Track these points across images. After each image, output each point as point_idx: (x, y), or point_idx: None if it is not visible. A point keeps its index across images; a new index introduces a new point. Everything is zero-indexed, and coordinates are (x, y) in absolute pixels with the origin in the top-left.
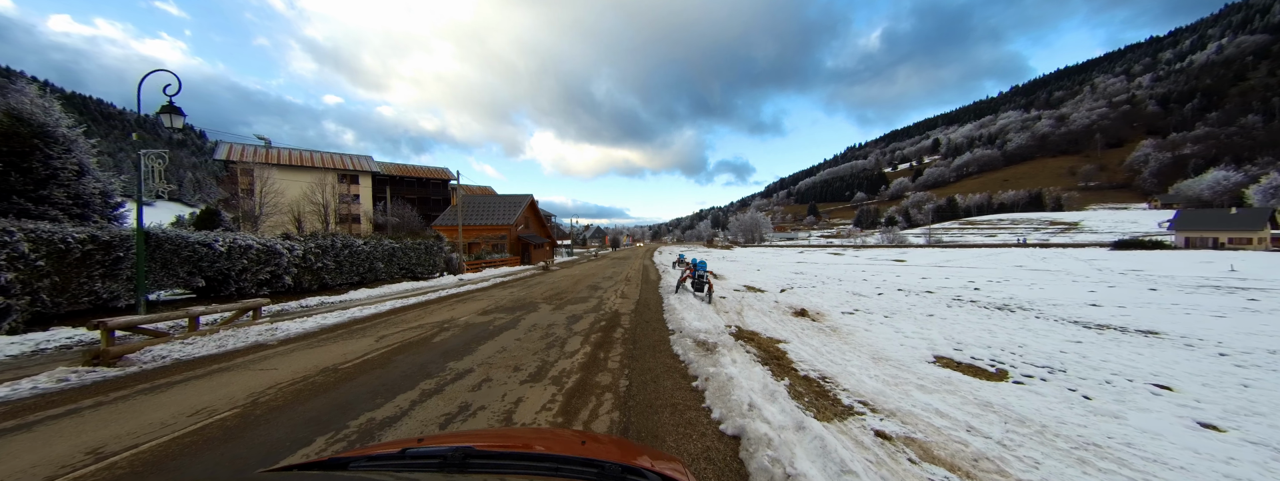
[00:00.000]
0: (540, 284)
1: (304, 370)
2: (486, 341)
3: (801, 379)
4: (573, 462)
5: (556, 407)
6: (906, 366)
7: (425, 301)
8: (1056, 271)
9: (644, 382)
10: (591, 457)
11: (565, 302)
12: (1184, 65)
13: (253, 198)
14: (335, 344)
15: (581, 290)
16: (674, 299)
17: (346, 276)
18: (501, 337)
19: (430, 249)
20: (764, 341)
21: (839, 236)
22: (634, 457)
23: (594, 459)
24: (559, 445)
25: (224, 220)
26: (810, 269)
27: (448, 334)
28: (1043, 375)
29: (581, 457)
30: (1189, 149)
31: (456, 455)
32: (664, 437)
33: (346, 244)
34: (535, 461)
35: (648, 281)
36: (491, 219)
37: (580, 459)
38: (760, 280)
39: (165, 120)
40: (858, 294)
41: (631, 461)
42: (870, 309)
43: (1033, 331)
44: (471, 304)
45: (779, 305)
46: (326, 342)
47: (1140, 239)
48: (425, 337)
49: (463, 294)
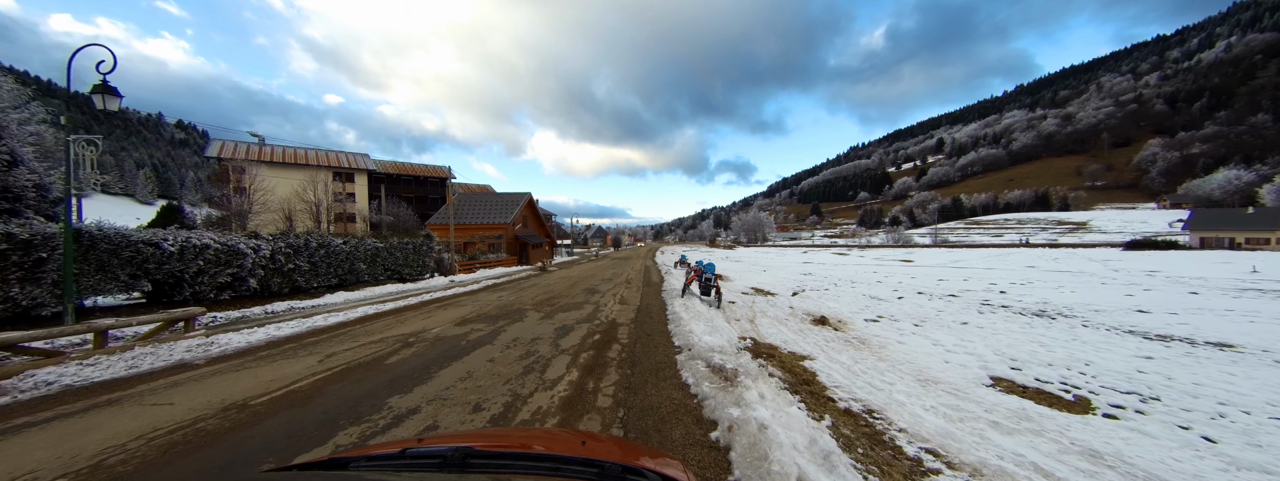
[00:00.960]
0: (534, 286)
1: (203, 407)
2: (451, 363)
3: (844, 414)
4: (573, 462)
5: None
6: (964, 392)
7: (403, 307)
8: (1076, 272)
9: (644, 431)
10: (592, 457)
11: (557, 309)
12: (1192, 64)
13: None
14: (269, 365)
15: (577, 294)
16: (678, 305)
17: (324, 278)
18: (471, 357)
19: (419, 249)
20: (786, 358)
21: (842, 236)
22: (634, 457)
23: (594, 459)
24: (559, 445)
25: (188, 216)
26: (818, 270)
27: (409, 351)
28: (1135, 405)
29: (582, 457)
30: (1197, 148)
31: (457, 455)
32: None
33: (323, 243)
34: (535, 461)
35: (649, 284)
36: (488, 218)
37: (580, 459)
38: (768, 282)
39: (98, 102)
40: (876, 297)
41: (632, 461)
42: (894, 315)
43: (1089, 344)
44: (453, 310)
45: (794, 312)
46: (260, 363)
47: (1153, 239)
48: (380, 357)
49: (448, 298)
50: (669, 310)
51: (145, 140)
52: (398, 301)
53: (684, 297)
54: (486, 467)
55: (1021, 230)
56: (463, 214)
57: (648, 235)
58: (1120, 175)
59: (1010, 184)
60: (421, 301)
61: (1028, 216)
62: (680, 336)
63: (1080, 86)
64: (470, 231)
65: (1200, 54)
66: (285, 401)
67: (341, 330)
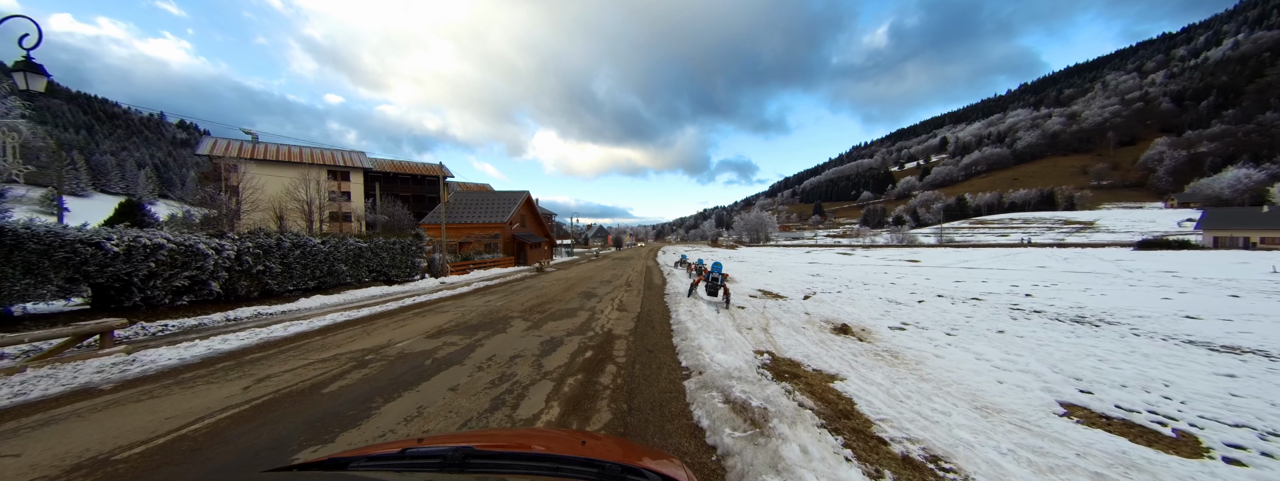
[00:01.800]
0: (527, 289)
1: (51, 463)
2: (403, 393)
3: (904, 464)
4: (573, 462)
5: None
6: (1038, 425)
7: (379, 314)
8: (1091, 273)
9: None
10: (591, 457)
11: (547, 317)
12: (1198, 62)
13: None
14: (183, 393)
15: (572, 298)
16: (683, 311)
17: (299, 281)
18: (430, 385)
19: (407, 249)
20: (813, 379)
21: (846, 236)
22: (634, 457)
23: (594, 459)
24: (559, 445)
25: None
26: (827, 271)
27: (358, 375)
28: (1254, 443)
29: (581, 457)
30: (1205, 147)
31: (457, 455)
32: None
33: (299, 243)
34: (535, 461)
35: (651, 287)
36: (484, 217)
37: (580, 459)
38: (776, 283)
39: (20, 81)
40: (894, 301)
41: (632, 461)
42: (920, 322)
43: (1153, 357)
44: (431, 318)
45: (811, 318)
46: (175, 389)
47: (1163, 239)
48: (320, 383)
49: (431, 303)
50: (673, 318)
51: (147, 140)
52: (376, 306)
53: (690, 299)
54: (486, 467)
55: (1027, 229)
56: (458, 213)
57: (649, 235)
58: (1126, 174)
59: (1015, 183)
60: (402, 307)
61: (1034, 216)
62: (688, 354)
63: (1085, 85)
64: (466, 231)
65: (1207, 52)
66: (163, 453)
67: (296, 343)
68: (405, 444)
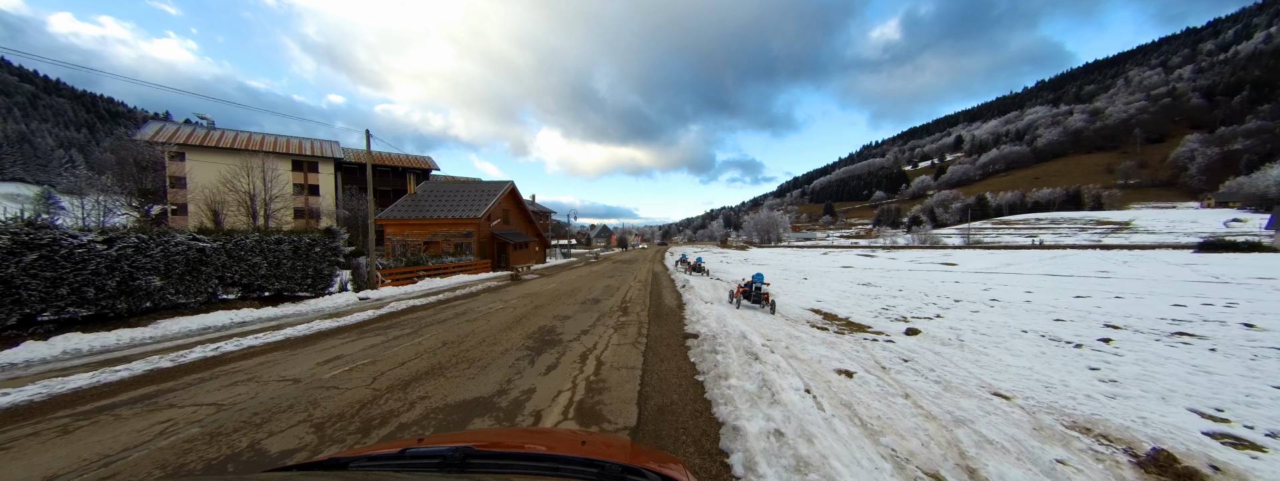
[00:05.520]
0: (475, 315)
1: None
2: None
3: None
4: (573, 462)
5: None
6: None
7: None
8: (1189, 281)
9: None
10: (592, 457)
11: (449, 392)
12: (1228, 56)
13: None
14: None
15: (528, 334)
16: (728, 386)
17: (35, 306)
18: None
19: (311, 250)
20: None
21: (861, 236)
22: (635, 458)
23: (594, 459)
24: (559, 445)
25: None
26: (876, 278)
27: None
28: None
29: (582, 457)
30: (1240, 144)
31: (457, 455)
32: None
33: (24, 239)
34: (535, 461)
35: (661, 307)
36: (456, 211)
37: (581, 459)
38: (826, 298)
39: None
40: (1053, 338)
41: (632, 461)
42: (1173, 391)
43: None
44: (202, 396)
45: (1038, 423)
46: None
47: (1226, 240)
48: None
49: (267, 347)
50: (707, 394)
51: None
52: (159, 358)
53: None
54: (486, 467)
55: (1057, 230)
56: (427, 207)
57: (656, 235)
58: (1156, 172)
59: (1036, 182)
60: (189, 362)
61: (1062, 216)
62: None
63: (1106, 81)
64: (433, 227)
65: (1237, 45)
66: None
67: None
68: (405, 444)
